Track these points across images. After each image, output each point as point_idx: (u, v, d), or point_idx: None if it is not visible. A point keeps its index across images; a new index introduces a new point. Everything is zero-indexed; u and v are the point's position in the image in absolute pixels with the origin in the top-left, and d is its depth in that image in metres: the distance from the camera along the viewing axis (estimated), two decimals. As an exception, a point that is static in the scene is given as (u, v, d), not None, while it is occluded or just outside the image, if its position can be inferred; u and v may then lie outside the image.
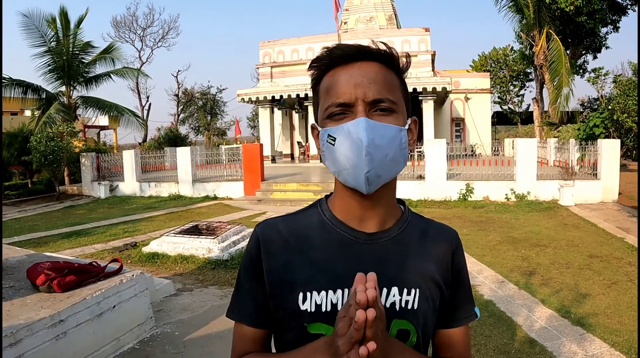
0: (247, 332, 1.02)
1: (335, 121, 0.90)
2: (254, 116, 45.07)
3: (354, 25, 22.74)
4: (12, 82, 16.78)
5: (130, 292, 3.92)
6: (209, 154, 16.47)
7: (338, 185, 0.98)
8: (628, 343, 3.95)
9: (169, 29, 40.60)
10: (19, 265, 4.22)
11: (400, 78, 0.96)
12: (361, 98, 0.88)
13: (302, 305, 0.92)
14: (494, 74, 38.25)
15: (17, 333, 2.89)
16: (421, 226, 1.04)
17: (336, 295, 0.91)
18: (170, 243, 7.16)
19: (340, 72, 0.91)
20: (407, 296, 0.94)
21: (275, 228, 1.00)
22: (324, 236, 0.97)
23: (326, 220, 0.99)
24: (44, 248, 7.91)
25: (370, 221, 0.97)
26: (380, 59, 0.93)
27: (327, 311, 0.91)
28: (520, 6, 21.12)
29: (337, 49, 0.92)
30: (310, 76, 0.97)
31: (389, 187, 0.95)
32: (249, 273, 1.01)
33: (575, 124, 16.47)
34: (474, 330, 4.31)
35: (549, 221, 9.32)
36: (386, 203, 0.98)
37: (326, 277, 0.93)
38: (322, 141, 0.92)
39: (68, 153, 15.51)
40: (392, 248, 0.97)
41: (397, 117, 0.91)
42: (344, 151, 0.87)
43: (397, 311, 0.93)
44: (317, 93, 0.96)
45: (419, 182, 12.61)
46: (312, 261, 0.95)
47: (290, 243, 0.97)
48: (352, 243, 0.95)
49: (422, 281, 0.96)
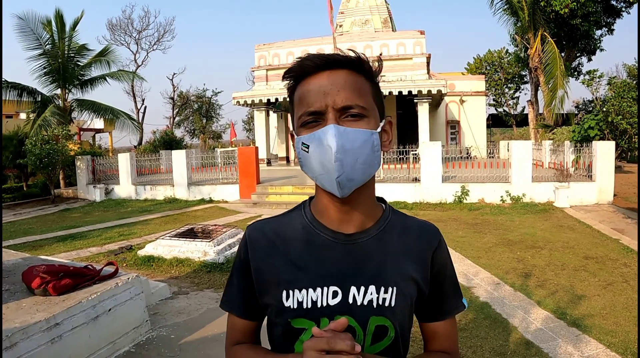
0: (237, 323, 1.12)
1: (308, 129, 0.94)
2: (249, 119, 45.01)
3: (349, 28, 22.80)
4: (7, 85, 16.70)
5: (126, 295, 3.91)
6: (204, 158, 16.44)
7: (317, 189, 1.03)
8: (624, 344, 3.97)
9: (164, 32, 40.74)
10: (14, 269, 4.20)
11: (371, 82, 0.99)
12: (331, 106, 0.91)
13: (285, 302, 0.99)
14: (489, 76, 38.38)
15: (13, 337, 2.87)
16: (401, 225, 1.08)
17: (316, 293, 0.98)
18: (165, 246, 7.14)
19: (311, 82, 0.94)
20: (385, 294, 0.99)
21: (262, 230, 1.08)
22: (306, 238, 1.03)
23: (308, 223, 1.05)
24: (39, 252, 7.87)
25: (349, 223, 1.02)
26: (349, 66, 0.95)
27: (307, 308, 0.97)
28: (515, 9, 21.24)
29: (307, 60, 0.95)
30: (285, 86, 1.02)
31: (365, 188, 0.99)
32: (239, 271, 1.09)
33: (570, 126, 16.55)
34: (469, 332, 4.31)
35: (544, 223, 9.35)
36: (364, 204, 1.02)
37: (307, 277, 0.99)
38: (297, 149, 0.96)
39: (63, 156, 15.43)
40: (371, 248, 1.02)
41: (369, 121, 0.94)
42: (317, 158, 0.91)
43: (374, 308, 0.98)
44: (292, 103, 1.01)
45: (414, 185, 12.62)
46: (294, 261, 1.01)
47: (275, 244, 1.04)
48: (332, 244, 1.01)
49: (400, 280, 1.01)
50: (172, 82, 42.01)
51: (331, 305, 0.97)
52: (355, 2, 23.10)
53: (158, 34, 40.19)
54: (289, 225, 1.07)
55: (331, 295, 0.97)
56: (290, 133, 1.03)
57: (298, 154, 0.97)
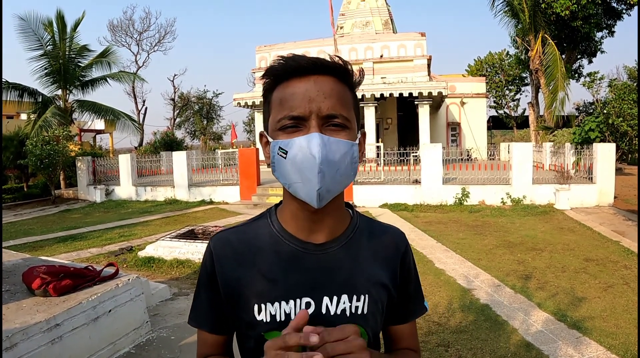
0: (208, 338, 1.07)
1: (287, 134, 0.89)
2: (250, 120, 44.99)
3: (350, 30, 22.82)
4: (8, 86, 16.73)
5: (126, 296, 3.91)
6: (205, 159, 16.48)
7: (287, 196, 0.98)
8: (624, 346, 3.96)
9: (165, 33, 40.60)
10: (14, 269, 4.20)
11: (352, 94, 0.96)
12: (315, 112, 0.88)
13: (257, 316, 0.95)
14: (489, 78, 38.37)
15: (13, 337, 2.87)
16: (369, 230, 1.06)
17: (289, 305, 0.94)
18: (166, 247, 7.14)
19: (295, 85, 0.90)
20: (357, 303, 0.97)
21: (228, 240, 1.02)
22: (275, 248, 0.99)
23: (275, 233, 1.00)
24: (40, 252, 7.87)
25: (319, 232, 0.98)
26: (335, 73, 0.92)
27: (281, 321, 0.94)
28: (516, 11, 21.26)
29: (292, 61, 0.90)
30: (262, 84, 0.96)
31: (337, 198, 0.96)
32: (205, 285, 1.04)
33: (571, 128, 16.55)
34: (470, 333, 4.31)
35: (544, 225, 9.34)
36: (334, 213, 0.99)
37: (278, 289, 0.95)
38: (272, 153, 0.92)
39: (64, 157, 15.46)
40: (341, 256, 0.99)
41: (349, 133, 0.91)
42: (296, 165, 0.87)
43: (347, 317, 0.96)
44: (268, 103, 0.96)
45: (414, 186, 12.62)
46: (263, 274, 0.97)
47: (243, 255, 1.00)
48: (302, 254, 0.97)
49: (371, 286, 0.99)
50: (173, 84, 42.14)
51: None
52: (356, 4, 23.12)
53: (159, 35, 40.26)
54: (255, 234, 1.02)
55: (304, 306, 0.94)
56: (261, 133, 0.99)
57: (272, 158, 0.92)
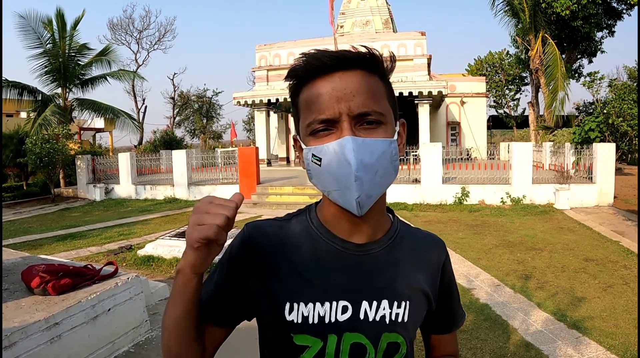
0: None
1: (318, 139, 0.84)
2: (249, 119, 45.07)
3: (350, 29, 22.82)
4: (8, 84, 16.70)
5: (126, 295, 3.90)
6: (204, 158, 16.44)
7: (327, 198, 0.92)
8: (624, 346, 3.96)
9: (165, 32, 40.79)
10: (13, 268, 4.19)
11: (385, 82, 0.89)
12: (345, 113, 0.81)
13: (288, 316, 0.88)
14: (489, 78, 38.39)
15: (12, 336, 2.86)
16: (411, 237, 1.01)
17: (324, 308, 0.88)
18: (165, 246, 7.13)
19: (320, 85, 0.83)
20: (398, 309, 0.91)
21: (263, 230, 0.95)
22: (313, 246, 0.92)
23: (314, 230, 0.94)
24: (39, 251, 7.86)
25: (360, 233, 0.92)
26: (362, 65, 0.85)
27: (314, 324, 0.87)
28: (516, 10, 21.26)
29: (314, 59, 0.84)
30: (287, 87, 0.90)
31: (379, 201, 0.90)
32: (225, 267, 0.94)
33: (571, 128, 16.57)
34: (469, 333, 4.31)
35: (544, 225, 9.34)
36: (376, 215, 0.93)
37: (314, 289, 0.89)
38: (306, 161, 0.86)
39: (63, 155, 15.44)
40: (383, 260, 0.93)
41: (386, 129, 0.85)
42: (332, 173, 0.82)
43: (387, 324, 0.90)
44: (296, 106, 0.90)
45: (414, 186, 12.62)
46: (299, 271, 0.90)
47: (278, 248, 0.92)
48: (342, 254, 0.91)
49: (412, 293, 0.94)
50: (172, 82, 42.24)
51: (340, 320, 0.87)
52: (356, 3, 23.12)
53: (159, 33, 40.34)
54: (293, 229, 0.95)
55: (340, 310, 0.88)
56: (294, 137, 0.93)
57: (307, 165, 0.86)
